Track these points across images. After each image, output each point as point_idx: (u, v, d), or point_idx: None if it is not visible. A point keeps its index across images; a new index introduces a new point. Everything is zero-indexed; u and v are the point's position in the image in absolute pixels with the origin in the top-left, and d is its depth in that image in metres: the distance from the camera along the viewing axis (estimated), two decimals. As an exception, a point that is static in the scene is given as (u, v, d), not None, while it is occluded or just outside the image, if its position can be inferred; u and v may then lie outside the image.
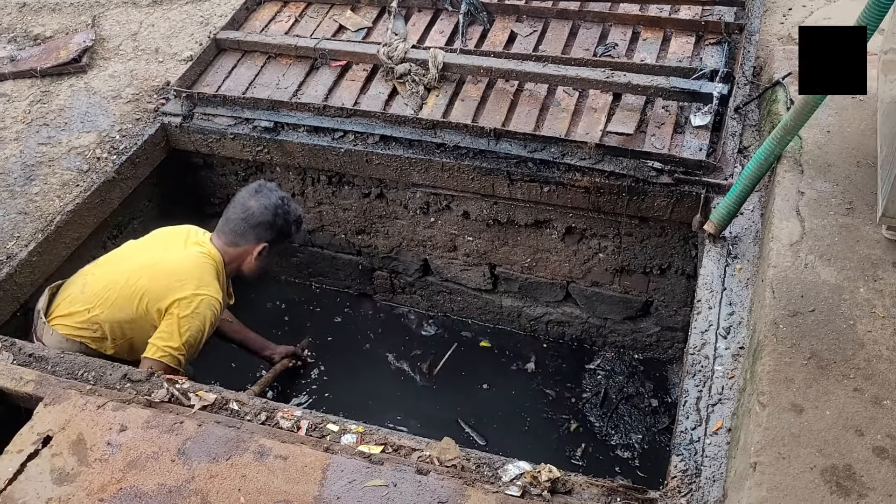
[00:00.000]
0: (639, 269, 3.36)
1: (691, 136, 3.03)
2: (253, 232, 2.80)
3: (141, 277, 2.69)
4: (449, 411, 3.52)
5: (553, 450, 3.31)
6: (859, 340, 2.01)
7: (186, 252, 2.78)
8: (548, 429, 3.44)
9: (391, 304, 4.03)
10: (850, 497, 1.70)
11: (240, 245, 2.82)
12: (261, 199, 2.80)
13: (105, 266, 2.81)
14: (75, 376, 2.38)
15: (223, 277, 2.82)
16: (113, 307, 2.68)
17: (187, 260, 2.74)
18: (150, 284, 2.67)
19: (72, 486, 2.07)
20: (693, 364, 2.32)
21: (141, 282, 2.68)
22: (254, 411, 2.27)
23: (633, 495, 2.01)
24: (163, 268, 2.71)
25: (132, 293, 2.67)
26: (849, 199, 2.40)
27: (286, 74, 3.53)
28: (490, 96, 3.31)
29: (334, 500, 2.01)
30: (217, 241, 2.83)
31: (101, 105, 3.51)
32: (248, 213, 2.79)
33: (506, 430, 3.43)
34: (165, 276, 2.69)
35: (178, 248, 2.80)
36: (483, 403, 3.55)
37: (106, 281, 2.72)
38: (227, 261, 2.83)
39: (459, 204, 3.41)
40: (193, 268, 2.72)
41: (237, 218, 2.80)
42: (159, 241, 2.86)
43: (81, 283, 2.75)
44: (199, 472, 2.09)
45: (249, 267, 2.88)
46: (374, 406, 3.50)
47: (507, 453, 2.18)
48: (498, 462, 2.09)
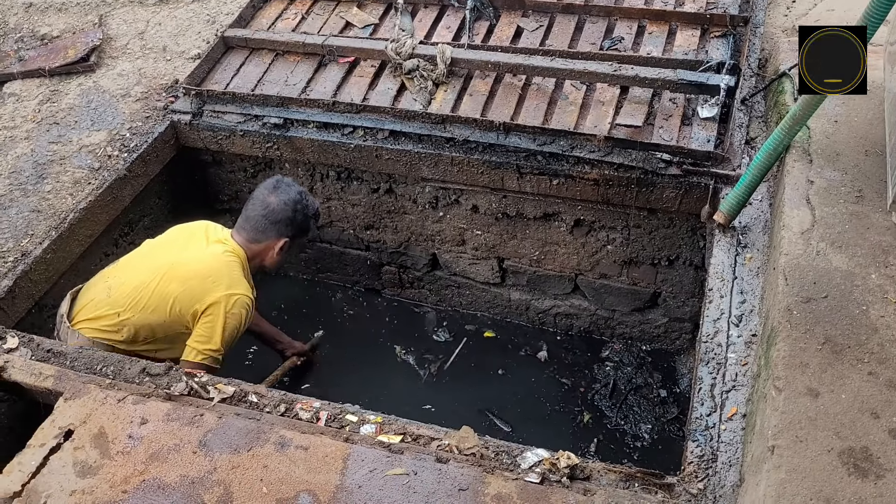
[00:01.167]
0: (647, 260, 3.39)
1: (699, 127, 3.05)
2: (274, 228, 2.82)
3: (171, 281, 2.69)
4: (463, 402, 3.54)
5: (567, 438, 3.34)
6: (872, 325, 2.03)
7: (211, 251, 2.79)
8: (560, 419, 3.46)
9: (400, 300, 4.05)
10: (868, 478, 1.73)
11: (261, 241, 2.84)
12: (280, 194, 2.82)
13: (129, 269, 2.80)
14: (94, 371, 2.41)
15: (248, 274, 2.85)
16: (144, 310, 2.69)
17: (215, 260, 2.75)
18: (182, 288, 2.68)
19: (95, 479, 2.09)
20: (706, 352, 2.35)
21: (172, 286, 2.69)
22: (273, 403, 2.29)
23: (651, 480, 2.04)
24: (192, 269, 2.72)
25: (163, 297, 2.69)
26: (858, 188, 2.42)
27: (294, 71, 3.55)
28: (498, 91, 3.33)
29: (356, 488, 2.04)
30: (238, 238, 2.85)
31: (111, 103, 3.52)
32: (268, 209, 2.81)
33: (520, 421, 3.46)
34: (197, 278, 2.69)
35: (200, 247, 2.81)
36: (496, 394, 3.57)
37: (135, 283, 2.72)
38: (250, 256, 2.85)
39: (468, 198, 3.43)
40: (223, 267, 2.73)
41: (257, 215, 2.82)
42: (179, 239, 2.87)
43: (106, 287, 2.75)
44: (220, 464, 2.11)
45: (272, 262, 2.90)
46: (388, 398, 3.52)
47: (523, 442, 2.20)
48: (517, 450, 2.12)
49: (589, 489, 2.01)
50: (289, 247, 2.89)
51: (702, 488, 2.01)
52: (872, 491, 1.71)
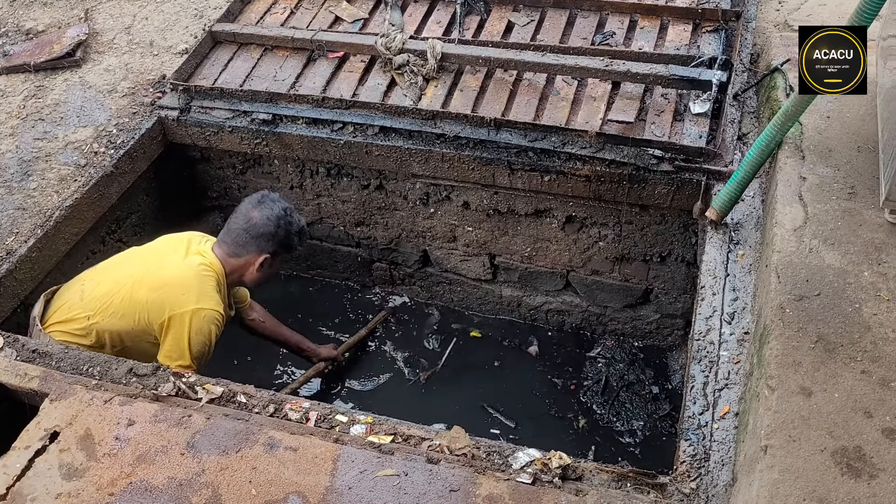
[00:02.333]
0: (639, 256, 3.37)
1: (691, 123, 3.03)
2: (255, 243, 2.75)
3: (141, 288, 2.64)
4: (458, 401, 3.51)
5: (564, 443, 3.32)
6: (865, 323, 2.02)
7: (187, 262, 2.72)
8: (554, 423, 3.45)
9: (392, 296, 4.02)
10: (861, 478, 1.72)
11: (241, 256, 2.77)
12: (263, 209, 2.76)
13: (104, 272, 2.76)
14: (80, 371, 2.37)
15: (224, 289, 2.78)
16: (113, 316, 2.64)
17: (189, 271, 2.68)
18: (150, 297, 2.62)
19: (81, 481, 2.06)
20: (699, 350, 2.34)
21: (141, 293, 2.63)
22: (262, 404, 2.27)
23: (644, 480, 2.02)
24: (164, 279, 2.65)
25: (132, 304, 2.63)
26: (850, 184, 2.41)
27: (283, 66, 3.52)
28: (489, 86, 3.30)
29: (346, 490, 2.01)
30: (218, 251, 2.78)
31: (97, 99, 3.48)
32: (249, 223, 2.74)
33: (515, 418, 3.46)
34: (167, 287, 2.64)
35: (177, 257, 2.74)
36: (488, 392, 3.55)
37: (106, 288, 2.67)
38: (229, 271, 2.78)
39: (459, 194, 3.41)
40: (194, 279, 2.66)
41: (239, 228, 2.76)
42: (161, 249, 2.81)
43: (80, 290, 2.70)
44: (209, 465, 2.08)
45: (251, 277, 2.83)
46: (384, 398, 3.51)
47: (518, 443, 2.19)
48: (508, 450, 2.10)
49: (581, 489, 1.99)
50: (270, 264, 2.81)
51: (694, 488, 2.00)
52: (866, 491, 1.70)
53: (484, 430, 3.32)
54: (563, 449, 2.08)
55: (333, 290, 4.05)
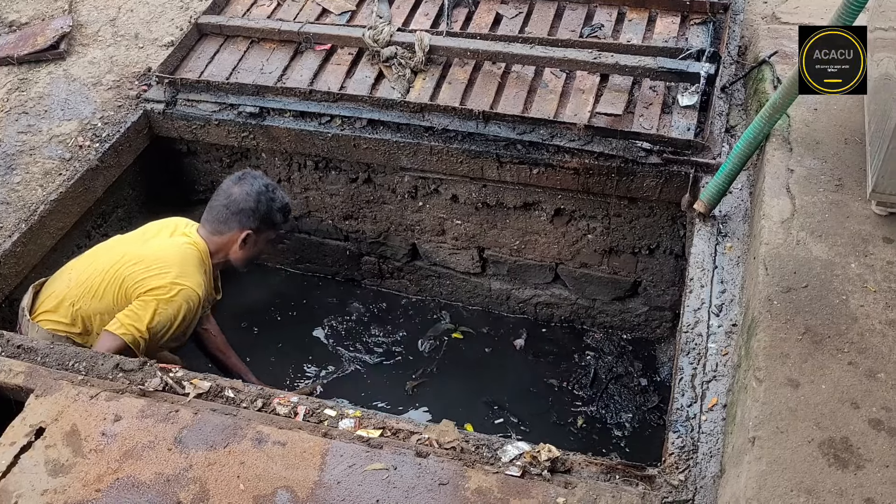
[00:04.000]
0: (627, 249, 3.37)
1: (679, 115, 3.04)
2: (235, 218, 2.76)
3: (122, 266, 2.65)
4: (454, 398, 3.51)
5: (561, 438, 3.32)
6: (852, 315, 2.03)
7: (171, 241, 2.75)
8: (548, 415, 3.45)
9: (380, 290, 4.01)
10: (848, 468, 1.72)
11: (223, 233, 2.78)
12: (244, 185, 2.79)
13: (88, 258, 2.76)
14: (66, 367, 2.35)
15: (209, 269, 2.79)
16: (94, 298, 2.63)
17: (171, 248, 2.71)
18: (130, 271, 2.63)
19: (67, 478, 2.05)
20: (687, 342, 2.34)
21: (121, 270, 2.64)
22: (250, 398, 2.25)
23: (632, 472, 2.03)
24: (144, 255, 2.67)
25: (111, 281, 2.63)
26: (838, 176, 2.42)
27: (270, 59, 3.49)
28: (477, 79, 3.29)
29: (335, 484, 2.01)
30: (202, 231, 2.81)
31: (82, 92, 3.45)
32: (230, 199, 2.77)
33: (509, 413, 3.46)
34: (146, 262, 2.64)
35: (162, 238, 2.77)
36: (483, 388, 3.56)
37: (89, 273, 2.67)
38: (213, 250, 2.80)
39: (448, 187, 3.40)
40: (175, 256, 2.68)
41: (220, 205, 2.78)
42: (146, 233, 2.82)
43: (67, 279, 2.70)
44: (196, 460, 2.07)
45: (236, 256, 2.84)
46: (375, 396, 3.50)
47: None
48: (497, 443, 2.10)
49: (570, 482, 1.99)
50: (254, 241, 2.82)
51: (682, 479, 2.01)
52: (853, 481, 1.70)
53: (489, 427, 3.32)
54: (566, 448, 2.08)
55: (322, 286, 4.04)
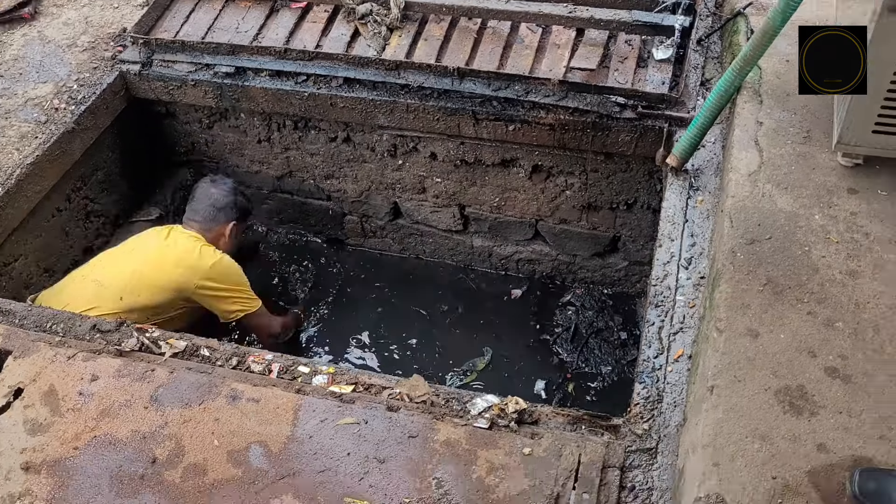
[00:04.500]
0: (605, 205, 3.39)
1: (654, 69, 3.02)
2: (222, 213, 3.18)
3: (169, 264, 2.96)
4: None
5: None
6: (814, 266, 2.06)
7: (183, 235, 3.09)
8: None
9: (363, 249, 4.04)
10: (802, 415, 1.77)
11: (213, 229, 3.16)
12: (219, 186, 3.23)
13: (108, 265, 3.00)
14: (44, 329, 2.39)
15: None
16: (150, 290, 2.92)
17: (192, 239, 3.08)
18: (179, 267, 2.96)
19: (46, 436, 2.10)
20: (656, 294, 2.37)
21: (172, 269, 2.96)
22: (225, 356, 2.29)
23: (598, 423, 2.07)
24: (181, 250, 3.01)
25: (165, 278, 2.94)
26: (806, 128, 2.42)
27: (245, 17, 3.46)
28: (453, 35, 3.27)
29: (307, 438, 2.06)
30: (193, 230, 3.13)
31: (57, 54, 3.42)
32: (212, 198, 3.17)
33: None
34: (189, 253, 3.00)
35: (171, 238, 3.07)
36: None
37: (129, 270, 2.94)
38: None
39: (426, 145, 3.40)
40: (195, 245, 3.06)
41: (205, 206, 3.17)
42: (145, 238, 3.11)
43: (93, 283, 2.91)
44: (172, 418, 2.12)
45: (225, 246, 3.19)
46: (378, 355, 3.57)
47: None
48: (466, 396, 2.14)
49: (536, 433, 2.04)
50: (237, 231, 3.24)
51: (647, 429, 2.05)
52: (806, 427, 1.75)
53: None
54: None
55: (306, 246, 4.06)
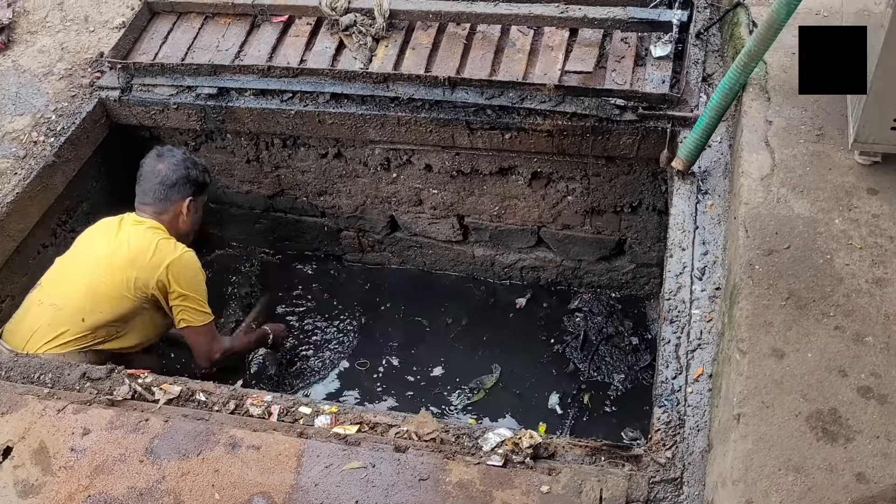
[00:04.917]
0: (609, 208, 3.28)
1: (653, 68, 2.91)
2: (175, 190, 2.88)
3: (119, 269, 2.68)
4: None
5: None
6: (837, 275, 1.95)
7: (136, 230, 2.78)
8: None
9: (362, 264, 3.93)
10: (838, 442, 1.66)
11: (168, 209, 2.88)
12: (167, 160, 2.91)
13: (62, 282, 2.74)
14: (31, 380, 2.28)
15: None
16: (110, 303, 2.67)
17: (147, 233, 2.77)
18: (136, 270, 2.68)
19: (37, 498, 1.99)
20: (670, 310, 2.26)
21: (126, 272, 2.68)
22: (221, 400, 2.19)
23: (618, 453, 1.97)
24: (134, 249, 2.71)
25: (121, 286, 2.67)
26: (818, 126, 2.31)
27: (226, 35, 3.34)
28: (442, 42, 3.15)
29: (312, 487, 1.95)
30: (147, 216, 2.85)
31: (33, 84, 3.31)
32: (161, 176, 2.87)
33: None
34: (143, 253, 2.70)
35: (124, 232, 2.77)
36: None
37: (83, 287, 2.67)
38: (166, 228, 2.86)
39: (420, 157, 3.28)
40: (152, 239, 2.76)
41: (153, 185, 2.86)
42: (95, 238, 2.82)
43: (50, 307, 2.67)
44: (169, 471, 2.01)
45: (186, 226, 2.93)
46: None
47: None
48: (478, 431, 2.04)
49: (554, 468, 1.93)
50: (195, 207, 2.95)
51: (670, 457, 1.95)
52: (842, 455, 1.64)
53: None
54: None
55: (303, 263, 3.95)
